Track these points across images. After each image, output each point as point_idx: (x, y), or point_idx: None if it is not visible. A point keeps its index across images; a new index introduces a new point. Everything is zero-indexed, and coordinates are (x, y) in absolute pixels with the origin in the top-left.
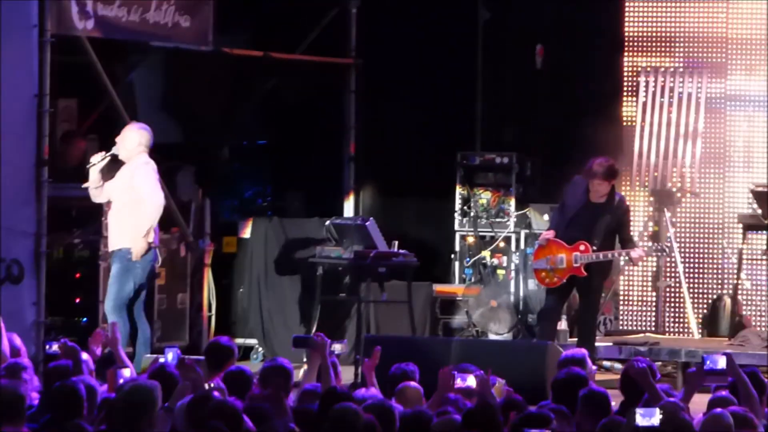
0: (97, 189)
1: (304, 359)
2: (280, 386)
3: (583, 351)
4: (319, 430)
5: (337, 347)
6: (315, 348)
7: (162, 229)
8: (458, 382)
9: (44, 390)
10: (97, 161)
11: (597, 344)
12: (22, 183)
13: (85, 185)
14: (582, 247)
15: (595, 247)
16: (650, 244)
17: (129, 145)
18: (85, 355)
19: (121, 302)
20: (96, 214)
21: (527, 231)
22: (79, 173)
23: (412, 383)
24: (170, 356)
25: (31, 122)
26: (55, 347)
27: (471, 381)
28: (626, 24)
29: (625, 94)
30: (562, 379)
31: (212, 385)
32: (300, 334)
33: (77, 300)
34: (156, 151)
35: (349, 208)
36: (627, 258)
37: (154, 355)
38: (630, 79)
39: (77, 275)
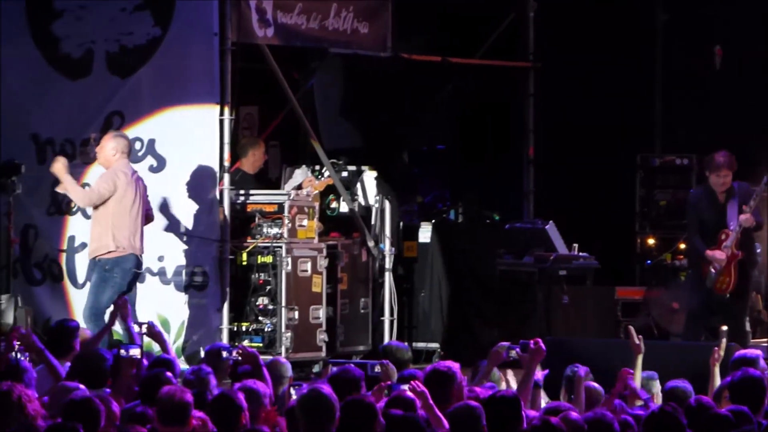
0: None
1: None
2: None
3: (757, 352)
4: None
5: (513, 353)
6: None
7: (344, 234)
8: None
9: None
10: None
11: None
12: (204, 190)
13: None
14: (723, 236)
15: (732, 225)
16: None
17: (106, 154)
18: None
19: (98, 311)
20: (278, 219)
21: None
22: (261, 179)
23: (593, 383)
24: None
25: (214, 129)
26: (234, 353)
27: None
28: None
29: None
30: (739, 380)
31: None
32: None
33: (260, 305)
34: (336, 156)
35: (529, 212)
36: (741, 227)
37: (339, 360)
38: None
39: (260, 281)
